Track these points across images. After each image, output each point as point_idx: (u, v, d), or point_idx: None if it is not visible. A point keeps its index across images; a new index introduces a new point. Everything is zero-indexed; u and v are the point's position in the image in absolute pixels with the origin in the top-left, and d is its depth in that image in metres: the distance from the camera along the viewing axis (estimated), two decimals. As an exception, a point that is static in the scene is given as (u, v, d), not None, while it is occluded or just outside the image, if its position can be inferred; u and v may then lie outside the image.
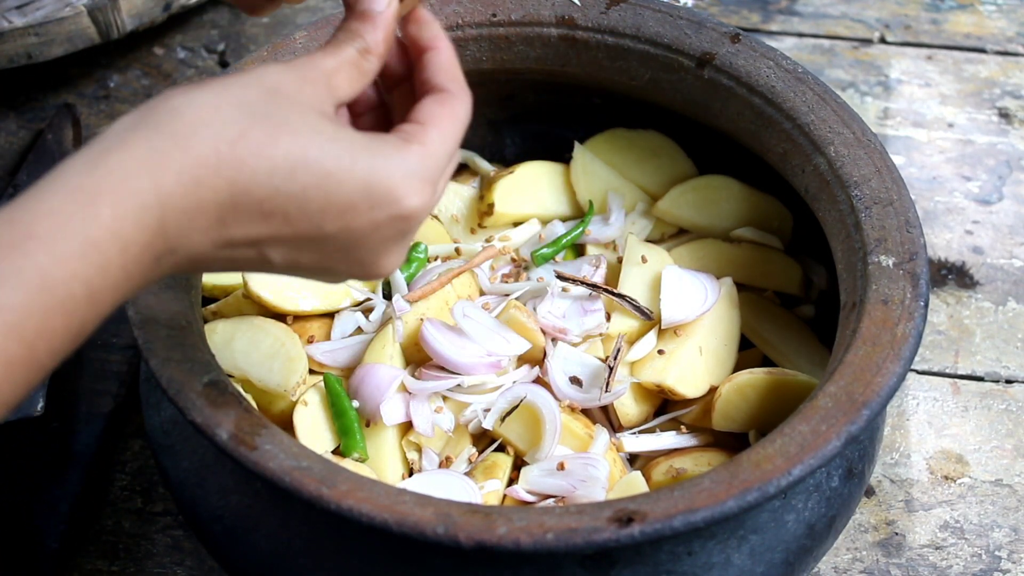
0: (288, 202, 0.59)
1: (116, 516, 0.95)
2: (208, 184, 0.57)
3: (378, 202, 0.61)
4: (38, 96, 1.23)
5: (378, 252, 0.64)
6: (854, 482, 0.81)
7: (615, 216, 0.98)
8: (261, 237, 0.60)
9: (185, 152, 0.57)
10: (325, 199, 0.60)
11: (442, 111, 0.66)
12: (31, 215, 0.54)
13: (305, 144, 0.59)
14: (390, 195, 0.61)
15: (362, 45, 0.65)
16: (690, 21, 0.94)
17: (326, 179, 0.60)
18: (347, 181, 0.60)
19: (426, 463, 0.86)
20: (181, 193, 0.57)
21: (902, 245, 0.81)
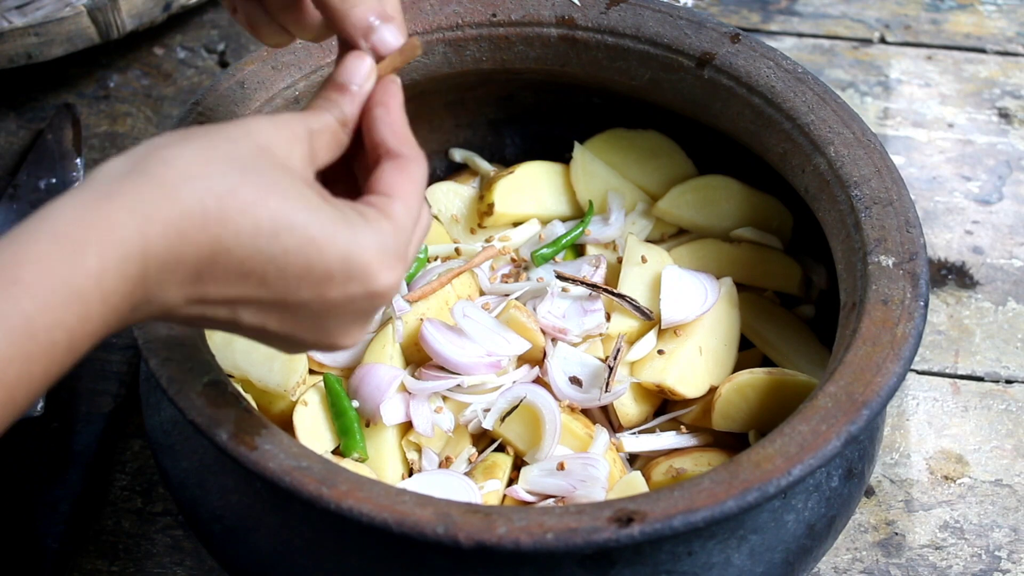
0: (268, 264, 0.59)
1: (116, 516, 0.95)
2: (192, 238, 0.57)
3: (355, 276, 0.62)
4: (38, 96, 1.23)
5: (346, 326, 0.65)
6: (854, 482, 0.81)
7: (615, 216, 0.98)
8: (235, 297, 0.60)
9: (173, 204, 0.57)
10: (305, 265, 0.60)
11: (404, 180, 0.66)
12: (18, 259, 0.54)
13: (292, 208, 0.59)
14: (366, 271, 0.62)
15: (340, 116, 0.67)
16: (690, 21, 0.94)
17: (308, 245, 0.60)
18: (328, 251, 0.60)
19: (426, 463, 0.86)
20: (165, 245, 0.57)
21: (902, 245, 0.81)
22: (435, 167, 1.07)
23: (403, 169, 0.67)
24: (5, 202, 1.10)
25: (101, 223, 0.55)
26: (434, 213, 1.00)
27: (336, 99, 0.67)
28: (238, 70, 0.91)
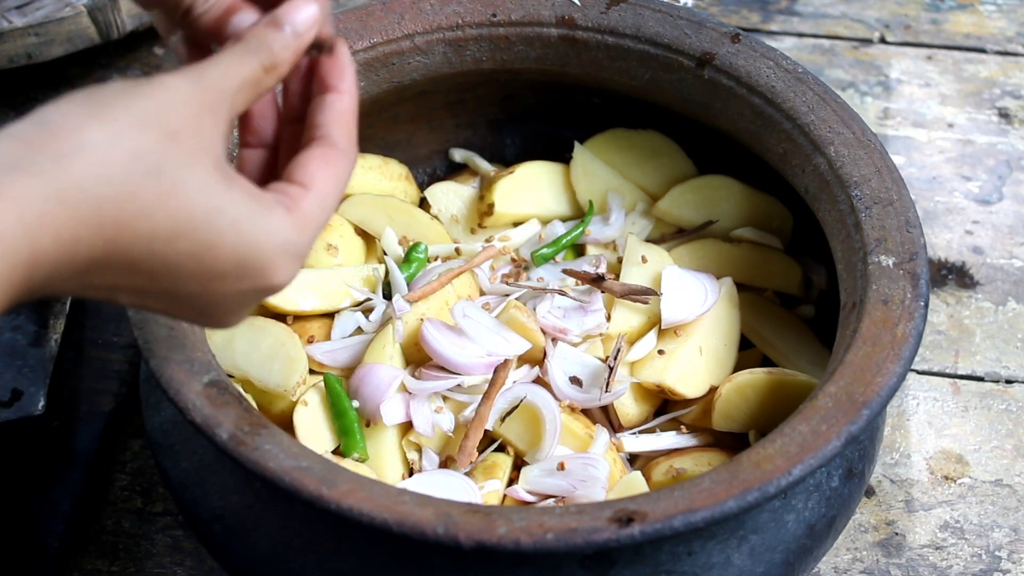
0: (160, 265, 0.57)
1: (116, 516, 0.95)
2: (86, 243, 0.55)
3: (247, 273, 0.60)
4: (38, 96, 1.23)
5: (230, 313, 0.63)
6: (854, 482, 0.81)
7: (615, 216, 0.98)
8: (121, 286, 0.58)
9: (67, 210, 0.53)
10: (196, 267, 0.58)
11: (327, 173, 0.63)
12: None
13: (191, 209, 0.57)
14: (261, 270, 0.60)
15: (268, 59, 0.62)
16: (690, 21, 0.94)
17: (204, 249, 0.58)
18: (223, 253, 0.58)
19: (426, 463, 0.86)
20: (56, 253, 0.54)
21: (902, 245, 0.81)
22: (435, 167, 1.07)
23: (331, 162, 0.64)
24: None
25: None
26: (434, 213, 1.00)
27: (268, 39, 0.62)
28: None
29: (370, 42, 0.94)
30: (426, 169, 1.07)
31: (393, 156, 1.03)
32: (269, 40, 0.62)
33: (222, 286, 0.60)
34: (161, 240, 0.56)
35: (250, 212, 0.59)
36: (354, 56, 0.94)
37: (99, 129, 0.55)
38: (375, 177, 1.00)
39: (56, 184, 0.53)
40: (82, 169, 0.54)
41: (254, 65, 0.61)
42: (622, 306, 0.92)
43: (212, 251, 0.58)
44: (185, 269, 0.58)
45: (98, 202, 0.54)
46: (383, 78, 0.96)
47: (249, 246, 0.59)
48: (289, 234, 0.60)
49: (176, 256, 0.57)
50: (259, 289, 0.61)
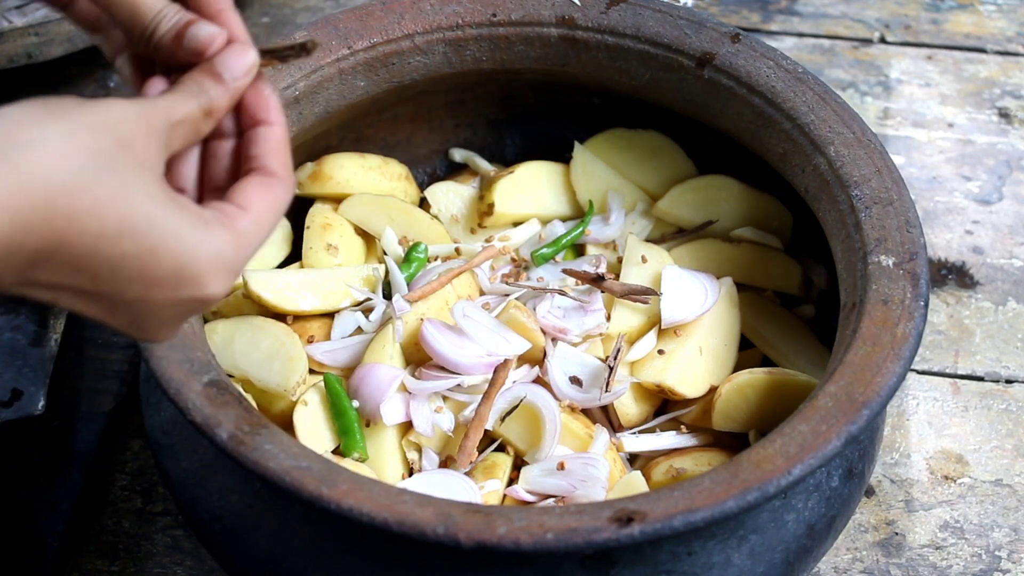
0: (103, 265, 0.59)
1: (116, 516, 0.95)
2: (37, 230, 0.56)
3: (185, 283, 0.62)
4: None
5: (163, 323, 0.64)
6: (854, 482, 0.81)
7: (615, 216, 0.98)
8: (62, 284, 0.60)
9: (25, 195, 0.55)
10: (139, 270, 0.60)
11: (265, 197, 0.66)
12: None
13: (139, 213, 0.59)
14: (197, 280, 0.62)
15: (206, 103, 0.65)
16: (690, 21, 0.94)
17: (147, 252, 0.60)
18: (164, 259, 0.60)
19: (426, 463, 0.86)
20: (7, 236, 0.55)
21: (902, 245, 0.81)
22: (435, 167, 1.07)
23: (269, 188, 0.66)
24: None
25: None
26: (434, 213, 1.00)
27: (207, 87, 0.66)
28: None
29: (370, 42, 0.94)
30: (426, 169, 1.07)
31: (393, 156, 1.03)
32: (207, 87, 0.66)
33: (159, 293, 0.62)
34: (108, 238, 0.58)
35: (191, 224, 0.61)
36: (354, 56, 0.94)
37: (58, 126, 0.58)
38: (375, 177, 1.00)
39: (14, 169, 0.55)
40: (41, 158, 0.56)
41: (193, 106, 0.65)
42: (622, 306, 0.92)
43: (154, 255, 0.60)
44: (127, 271, 0.60)
45: (53, 192, 0.56)
46: (383, 78, 0.96)
47: (188, 255, 0.61)
48: (226, 248, 0.62)
49: (120, 257, 0.59)
50: (193, 299, 0.63)
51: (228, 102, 0.66)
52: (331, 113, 0.95)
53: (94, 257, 0.58)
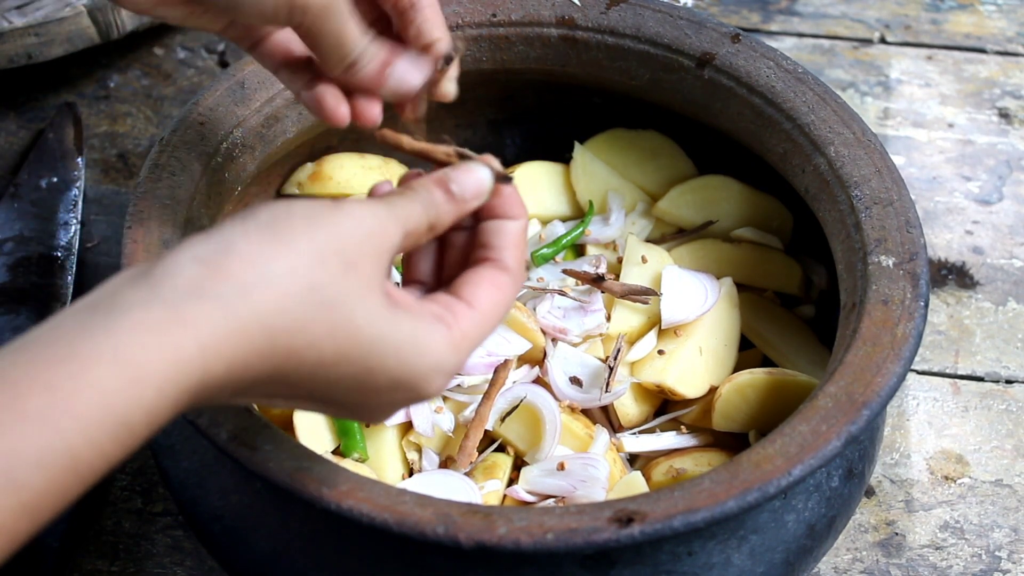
0: (319, 384, 0.59)
1: (116, 516, 0.95)
2: (254, 368, 0.56)
3: (402, 388, 0.62)
4: (38, 96, 1.23)
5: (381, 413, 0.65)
6: (854, 482, 0.81)
7: (615, 216, 0.98)
8: (278, 395, 0.60)
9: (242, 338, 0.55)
10: (357, 386, 0.60)
11: (494, 295, 0.65)
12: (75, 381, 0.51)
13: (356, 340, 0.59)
14: (415, 386, 0.62)
15: (435, 220, 0.65)
16: (690, 21, 0.94)
17: (364, 372, 0.60)
18: (381, 377, 0.60)
19: (426, 463, 0.86)
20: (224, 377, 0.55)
21: (902, 245, 0.81)
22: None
23: (500, 286, 0.65)
24: (6, 201, 1.10)
25: (167, 355, 0.52)
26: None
27: (439, 203, 0.65)
28: (238, 70, 0.91)
29: (370, 42, 0.94)
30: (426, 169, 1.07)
31: (393, 156, 1.03)
32: (438, 201, 0.65)
33: (376, 398, 0.62)
34: (326, 366, 0.58)
35: (411, 337, 0.61)
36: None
37: (283, 260, 0.57)
38: (375, 177, 1.00)
39: (237, 315, 0.55)
40: (263, 301, 0.55)
41: (422, 219, 0.64)
42: (622, 306, 0.92)
43: (372, 375, 0.60)
44: (345, 387, 0.60)
45: (273, 333, 0.56)
46: (383, 78, 0.96)
47: (407, 368, 0.61)
48: (445, 354, 0.62)
49: (337, 378, 0.59)
50: (410, 399, 0.63)
51: (453, 220, 0.66)
52: (331, 113, 0.95)
53: (310, 381, 0.59)
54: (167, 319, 0.53)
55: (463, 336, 0.63)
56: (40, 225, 1.08)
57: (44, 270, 1.05)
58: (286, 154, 0.97)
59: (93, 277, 1.09)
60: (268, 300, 0.56)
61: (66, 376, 0.51)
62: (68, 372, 0.51)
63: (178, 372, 0.53)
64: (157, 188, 0.84)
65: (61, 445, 0.50)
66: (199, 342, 0.53)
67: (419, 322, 0.61)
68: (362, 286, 0.59)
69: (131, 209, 0.83)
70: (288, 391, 0.60)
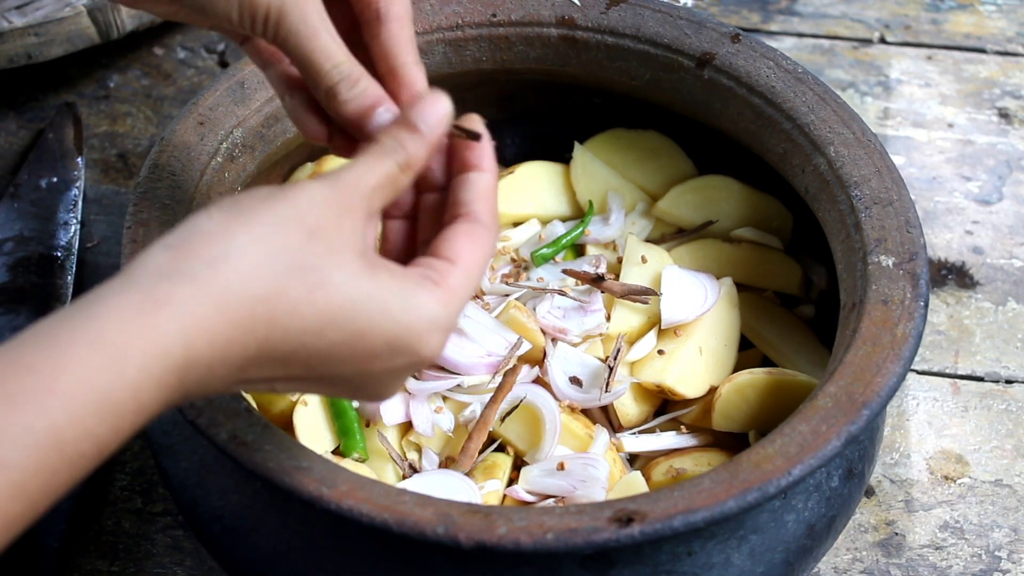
0: (312, 355, 0.59)
1: (116, 516, 0.95)
2: (239, 342, 0.56)
3: (400, 351, 0.61)
4: (38, 96, 1.23)
5: (386, 385, 0.64)
6: (854, 482, 0.81)
7: (615, 216, 0.98)
8: (275, 377, 0.60)
9: (220, 312, 0.55)
10: (350, 352, 0.60)
11: (472, 248, 0.65)
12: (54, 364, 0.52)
13: (339, 300, 0.59)
14: (412, 346, 0.61)
15: (404, 159, 0.64)
16: (690, 21, 0.94)
17: (354, 336, 0.59)
18: (373, 337, 0.60)
19: (426, 463, 0.86)
20: (209, 353, 0.55)
21: (902, 245, 0.81)
22: (435, 167, 1.07)
23: (476, 238, 0.65)
24: (6, 201, 1.10)
25: (146, 332, 0.53)
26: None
27: (402, 139, 0.65)
28: (238, 70, 0.91)
29: (370, 42, 0.94)
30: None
31: (393, 156, 1.03)
32: (403, 140, 0.65)
33: (376, 364, 0.62)
34: (311, 333, 0.58)
35: (397, 294, 0.61)
36: (354, 56, 0.94)
37: (245, 233, 0.57)
38: (375, 177, 1.00)
39: (209, 288, 0.55)
40: (233, 271, 0.56)
41: (390, 166, 0.64)
42: (622, 306, 0.92)
43: (363, 337, 0.60)
44: (339, 355, 0.60)
45: (250, 303, 0.56)
46: (383, 78, 0.96)
47: (400, 326, 0.61)
48: (437, 309, 0.62)
49: (328, 346, 0.59)
50: (411, 364, 0.63)
51: (425, 153, 0.65)
52: (331, 113, 0.95)
53: (302, 351, 0.58)
54: (143, 300, 0.54)
55: (452, 292, 0.63)
56: (40, 225, 1.09)
57: (44, 270, 1.05)
58: (286, 154, 0.97)
59: (93, 277, 1.09)
60: (237, 271, 0.56)
61: (46, 358, 0.52)
62: (48, 355, 0.52)
63: (159, 348, 0.54)
64: (157, 188, 0.84)
65: (44, 423, 0.51)
66: (176, 319, 0.54)
67: (405, 280, 0.61)
68: (331, 249, 0.59)
69: (131, 209, 0.83)
70: (284, 371, 0.59)
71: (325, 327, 0.58)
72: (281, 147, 0.94)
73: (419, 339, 0.61)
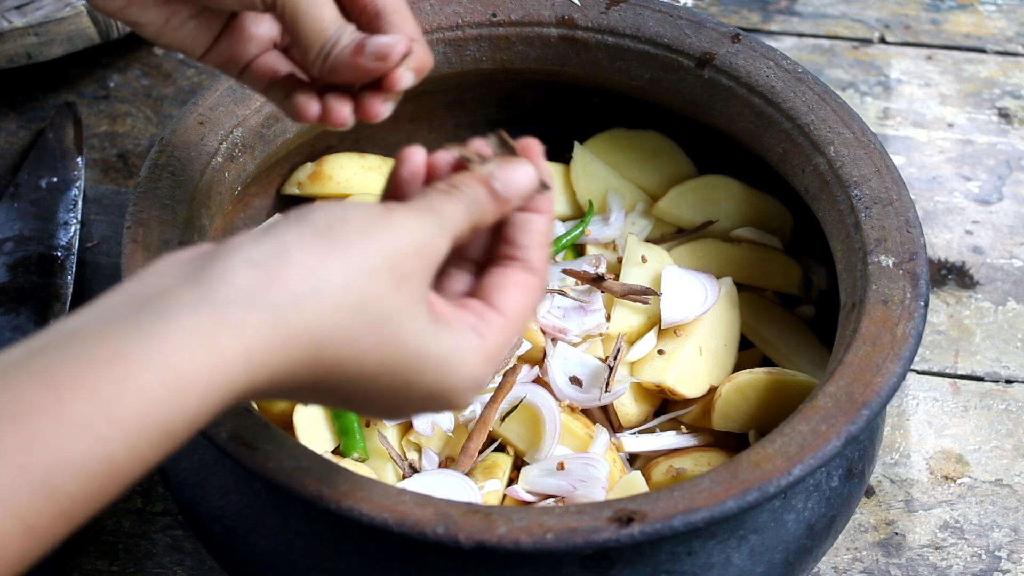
0: (359, 394, 0.60)
1: (116, 516, 0.95)
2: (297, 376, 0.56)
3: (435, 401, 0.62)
4: (38, 96, 1.23)
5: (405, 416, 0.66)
6: (854, 482, 0.81)
7: (615, 216, 0.98)
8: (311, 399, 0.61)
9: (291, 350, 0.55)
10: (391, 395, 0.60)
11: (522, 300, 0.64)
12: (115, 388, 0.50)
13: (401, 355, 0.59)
14: (449, 400, 0.62)
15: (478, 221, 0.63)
16: (690, 21, 0.94)
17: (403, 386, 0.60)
18: (419, 387, 0.60)
19: (426, 463, 0.86)
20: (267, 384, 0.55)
21: (902, 245, 0.81)
22: (435, 167, 1.07)
23: (528, 290, 0.65)
24: (6, 201, 1.10)
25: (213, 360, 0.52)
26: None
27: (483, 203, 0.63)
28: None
29: (370, 42, 0.94)
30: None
31: (393, 156, 1.02)
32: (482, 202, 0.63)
33: (408, 407, 0.63)
34: (366, 379, 0.59)
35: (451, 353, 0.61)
36: (354, 56, 0.94)
37: (339, 272, 0.56)
38: (375, 177, 1.00)
39: (288, 326, 0.54)
40: (315, 314, 0.55)
41: (467, 223, 0.63)
42: (622, 306, 0.92)
43: (409, 388, 0.60)
44: (380, 397, 0.60)
45: (321, 345, 0.56)
46: (383, 78, 0.96)
47: (444, 383, 0.61)
48: (479, 370, 0.62)
49: (375, 390, 0.60)
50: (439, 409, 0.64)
51: (495, 221, 0.65)
52: (331, 113, 0.95)
53: (349, 389, 0.59)
54: (216, 325, 0.53)
55: (495, 347, 0.63)
56: (40, 225, 1.09)
57: (44, 270, 1.05)
58: (286, 154, 0.97)
59: (93, 277, 1.09)
60: (320, 313, 0.55)
61: (110, 381, 0.50)
62: (112, 377, 0.50)
63: (223, 379, 0.53)
64: (157, 188, 0.84)
65: (101, 453, 0.50)
66: (247, 350, 0.53)
67: (458, 337, 0.61)
68: (410, 300, 0.59)
69: (131, 209, 0.83)
70: (324, 397, 0.60)
71: (380, 375, 0.59)
72: (281, 147, 0.94)
73: (457, 394, 0.62)
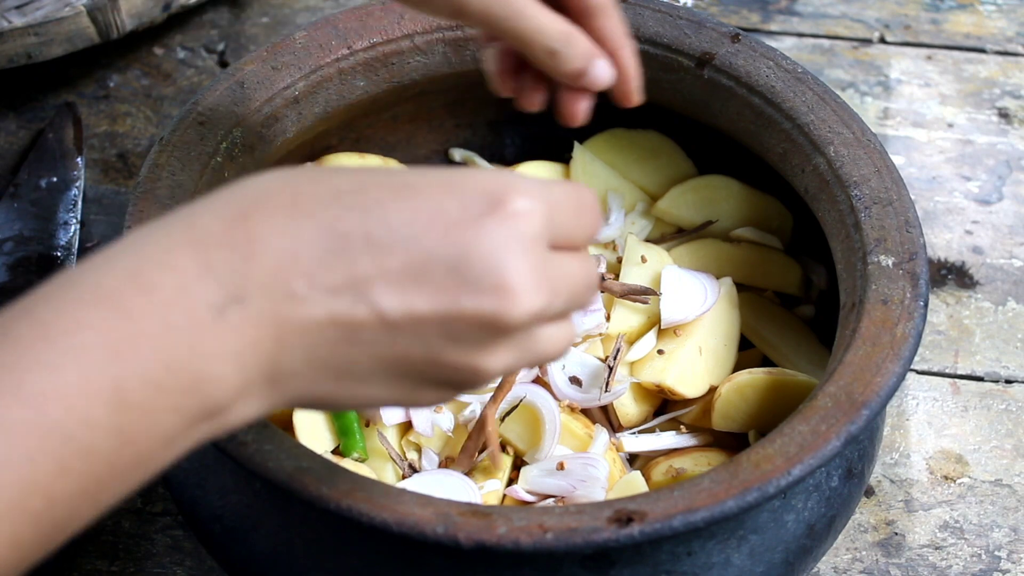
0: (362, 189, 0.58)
1: (116, 516, 0.95)
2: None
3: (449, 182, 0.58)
4: (38, 96, 1.23)
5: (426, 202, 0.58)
6: (854, 482, 0.81)
7: (615, 216, 0.98)
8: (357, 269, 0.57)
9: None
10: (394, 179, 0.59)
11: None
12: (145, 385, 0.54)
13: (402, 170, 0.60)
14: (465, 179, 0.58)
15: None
16: (690, 21, 0.94)
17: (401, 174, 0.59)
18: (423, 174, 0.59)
19: (426, 463, 0.86)
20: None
21: (902, 245, 0.81)
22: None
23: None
24: (6, 201, 1.10)
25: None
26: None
27: None
28: (238, 70, 0.91)
29: (370, 42, 0.94)
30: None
31: (393, 156, 1.03)
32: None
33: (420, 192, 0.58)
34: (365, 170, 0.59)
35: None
36: (354, 56, 0.94)
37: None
38: (375, 177, 1.00)
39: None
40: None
41: None
42: (622, 306, 0.92)
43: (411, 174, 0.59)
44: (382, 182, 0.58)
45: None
46: (383, 78, 0.96)
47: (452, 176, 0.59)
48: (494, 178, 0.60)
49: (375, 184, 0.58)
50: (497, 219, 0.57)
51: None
52: (331, 113, 0.95)
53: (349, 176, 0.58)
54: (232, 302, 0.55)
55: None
56: (40, 225, 1.09)
57: (44, 270, 1.05)
58: (286, 154, 0.97)
59: (93, 277, 1.09)
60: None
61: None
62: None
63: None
64: (157, 188, 0.84)
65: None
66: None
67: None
68: None
69: (131, 209, 0.83)
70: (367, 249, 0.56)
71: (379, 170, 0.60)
72: (281, 147, 0.94)
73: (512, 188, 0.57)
